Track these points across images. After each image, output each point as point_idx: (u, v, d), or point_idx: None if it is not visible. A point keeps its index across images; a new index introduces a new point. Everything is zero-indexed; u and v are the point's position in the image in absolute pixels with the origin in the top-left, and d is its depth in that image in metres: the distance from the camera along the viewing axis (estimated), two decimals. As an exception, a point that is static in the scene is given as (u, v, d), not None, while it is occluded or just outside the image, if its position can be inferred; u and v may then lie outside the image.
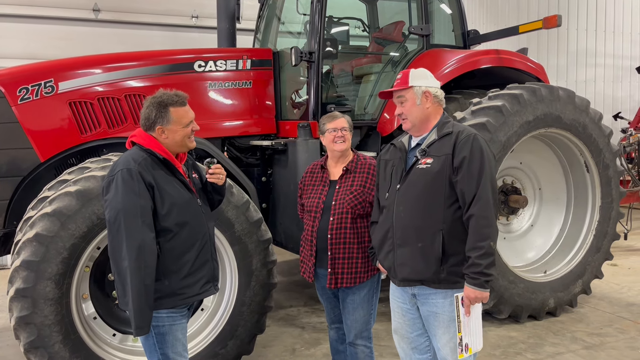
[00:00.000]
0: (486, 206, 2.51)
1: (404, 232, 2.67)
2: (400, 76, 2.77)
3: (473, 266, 2.50)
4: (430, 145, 2.68)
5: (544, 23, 5.22)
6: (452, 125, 2.71)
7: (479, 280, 2.50)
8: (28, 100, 4.12)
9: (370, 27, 6.15)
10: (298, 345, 4.56)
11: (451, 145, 2.60)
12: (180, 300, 2.56)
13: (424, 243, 2.61)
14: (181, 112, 2.58)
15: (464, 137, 2.60)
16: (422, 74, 2.76)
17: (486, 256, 2.48)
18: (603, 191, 5.20)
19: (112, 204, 2.41)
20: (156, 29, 7.91)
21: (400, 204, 2.69)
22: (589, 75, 11.02)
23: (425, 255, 2.61)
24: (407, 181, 2.70)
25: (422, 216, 2.62)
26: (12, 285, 3.29)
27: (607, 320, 5.02)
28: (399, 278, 2.74)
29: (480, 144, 2.59)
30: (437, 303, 2.66)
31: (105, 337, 3.68)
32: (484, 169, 2.54)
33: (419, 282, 2.68)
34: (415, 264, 2.64)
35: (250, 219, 3.89)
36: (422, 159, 2.66)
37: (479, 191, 2.52)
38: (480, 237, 2.50)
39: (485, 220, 2.51)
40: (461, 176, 2.56)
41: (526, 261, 5.34)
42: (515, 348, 4.44)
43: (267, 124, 5.07)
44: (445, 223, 2.59)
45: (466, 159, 2.55)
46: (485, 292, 2.53)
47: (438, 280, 2.62)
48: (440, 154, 2.63)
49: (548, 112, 4.75)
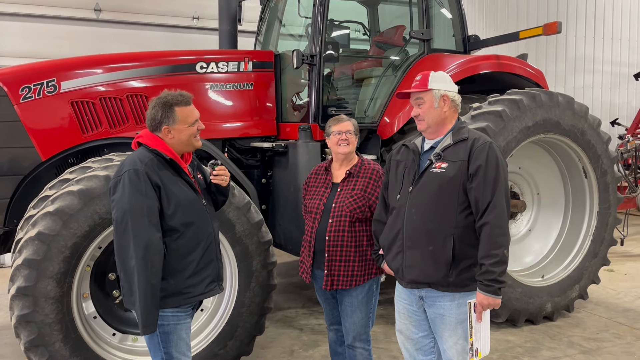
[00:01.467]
0: (501, 215, 2.54)
1: (414, 235, 2.69)
2: (419, 78, 2.76)
3: (487, 273, 2.52)
4: (445, 150, 2.69)
5: (544, 29, 5.26)
6: (467, 131, 2.72)
7: (492, 288, 2.52)
8: (30, 99, 4.13)
9: (371, 31, 6.17)
10: (296, 347, 4.57)
11: (467, 151, 2.62)
12: (185, 300, 2.58)
13: (435, 246, 2.63)
14: (186, 112, 2.61)
15: (480, 145, 2.62)
16: (442, 77, 2.78)
17: (500, 264, 2.52)
18: (601, 197, 5.23)
19: (119, 204, 2.44)
20: (157, 29, 7.92)
21: (412, 207, 2.70)
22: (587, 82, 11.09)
23: (435, 258, 2.63)
24: (420, 184, 2.71)
25: (434, 219, 2.64)
26: (14, 283, 3.29)
27: (603, 326, 5.05)
28: (407, 280, 2.75)
29: (496, 152, 2.62)
30: (445, 306, 2.67)
31: (105, 336, 3.69)
32: (499, 178, 2.57)
33: (427, 284, 2.70)
34: (424, 267, 2.66)
35: (251, 220, 3.90)
36: (437, 162, 2.67)
37: (493, 199, 2.54)
38: (494, 245, 2.52)
39: (499, 229, 2.54)
40: (476, 184, 2.58)
41: (524, 265, 5.36)
42: (512, 352, 4.46)
43: (268, 126, 5.08)
44: (457, 228, 2.61)
45: (482, 167, 2.57)
46: (498, 299, 2.55)
47: (447, 283, 2.64)
48: (455, 159, 2.64)
49: (547, 117, 4.78)
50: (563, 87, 10.53)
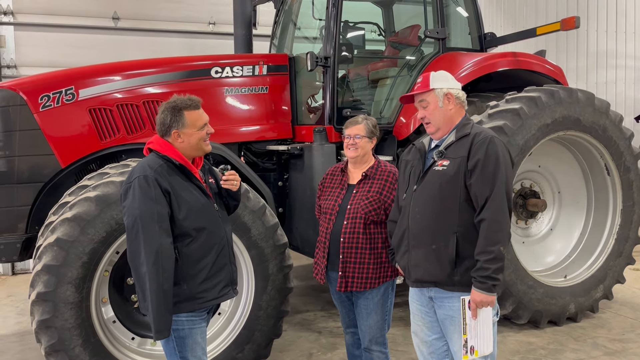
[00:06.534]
0: (498, 210, 2.50)
1: (418, 233, 2.67)
2: (420, 80, 2.76)
3: (481, 270, 2.49)
4: (448, 147, 2.68)
5: (561, 25, 5.16)
6: (470, 127, 2.69)
7: (486, 285, 2.49)
8: (49, 107, 4.20)
9: (386, 31, 6.14)
10: (315, 350, 4.56)
11: (467, 147, 2.59)
12: (199, 304, 2.59)
13: (438, 245, 2.61)
14: (195, 115, 2.62)
15: (480, 140, 2.59)
16: (443, 76, 2.76)
17: (495, 261, 2.47)
18: (624, 194, 5.12)
19: (129, 211, 2.46)
20: (174, 35, 7.99)
21: (416, 205, 2.69)
22: (610, 77, 10.83)
23: (438, 257, 2.61)
24: (423, 182, 2.70)
25: (437, 218, 2.62)
26: (34, 289, 3.35)
27: (629, 326, 4.93)
28: (412, 279, 2.75)
29: (496, 147, 2.57)
30: (453, 306, 2.64)
31: (125, 340, 3.73)
32: (498, 173, 2.52)
33: (432, 283, 2.68)
34: (428, 266, 2.64)
35: (266, 223, 3.91)
36: (439, 160, 2.66)
37: (492, 195, 2.50)
38: (490, 241, 2.48)
39: (496, 225, 2.49)
40: (475, 179, 2.55)
41: (545, 266, 5.27)
42: (534, 354, 4.38)
43: (283, 129, 5.09)
44: (461, 226, 2.58)
45: (480, 161, 2.54)
46: (492, 296, 2.51)
47: (452, 282, 2.61)
48: (456, 156, 2.62)
49: (567, 114, 4.70)
50: (585, 84, 10.29)
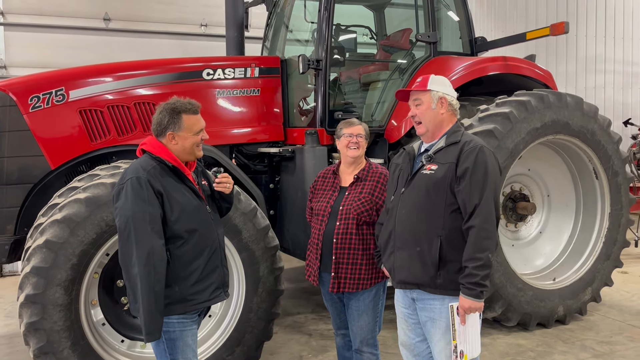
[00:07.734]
0: (487, 218, 2.54)
1: (404, 235, 2.71)
2: (420, 79, 2.81)
3: (470, 276, 2.52)
4: (437, 152, 2.72)
5: (551, 30, 5.22)
6: (461, 135, 2.74)
7: (474, 291, 2.52)
8: (39, 108, 4.17)
9: (378, 35, 6.17)
10: (305, 352, 4.55)
11: (456, 154, 2.64)
12: (190, 306, 2.59)
13: (422, 247, 2.65)
14: (193, 120, 2.63)
15: (470, 148, 2.63)
16: (442, 80, 2.82)
17: (483, 267, 2.51)
18: (612, 198, 5.17)
19: (121, 212, 2.46)
20: (166, 37, 7.97)
21: (403, 208, 2.74)
22: (599, 82, 10.96)
23: (422, 259, 2.64)
24: (410, 185, 2.74)
25: (422, 221, 2.66)
26: (22, 291, 3.32)
27: (617, 329, 4.98)
28: (397, 280, 2.78)
29: (485, 156, 2.61)
30: (435, 309, 2.67)
31: (114, 343, 3.70)
32: (487, 182, 2.57)
33: (415, 285, 2.71)
34: (412, 267, 2.68)
35: (257, 226, 3.91)
36: (427, 164, 2.70)
37: (480, 203, 2.54)
38: (479, 248, 2.52)
39: (485, 232, 2.53)
40: (463, 186, 2.58)
41: (535, 268, 5.31)
42: (524, 356, 4.41)
43: (275, 131, 5.09)
44: (445, 229, 2.62)
45: (469, 170, 2.58)
46: (480, 303, 2.55)
47: (435, 285, 2.64)
48: (445, 161, 2.66)
49: (556, 118, 4.74)
50: (574, 88, 10.42)
